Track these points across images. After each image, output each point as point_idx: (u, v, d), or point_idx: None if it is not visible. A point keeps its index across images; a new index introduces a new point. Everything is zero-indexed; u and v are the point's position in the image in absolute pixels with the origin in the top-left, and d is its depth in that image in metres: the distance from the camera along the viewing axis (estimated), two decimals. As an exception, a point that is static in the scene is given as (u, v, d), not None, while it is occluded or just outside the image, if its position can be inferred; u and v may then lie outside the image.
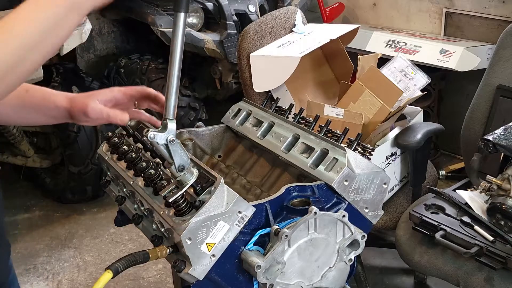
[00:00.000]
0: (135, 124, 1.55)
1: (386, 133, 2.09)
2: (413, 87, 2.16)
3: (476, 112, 2.05)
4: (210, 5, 2.99)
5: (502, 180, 1.61)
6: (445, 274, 1.66)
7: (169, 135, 1.08)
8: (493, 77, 2.02)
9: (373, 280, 2.38)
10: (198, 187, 1.15)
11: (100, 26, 3.30)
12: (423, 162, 2.08)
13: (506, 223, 1.56)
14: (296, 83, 2.23)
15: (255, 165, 1.58)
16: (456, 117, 2.42)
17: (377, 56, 2.23)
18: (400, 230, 1.81)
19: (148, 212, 1.29)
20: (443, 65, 2.81)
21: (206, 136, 1.67)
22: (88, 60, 3.34)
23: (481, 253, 1.54)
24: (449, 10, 3.12)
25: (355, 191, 1.29)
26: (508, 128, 1.65)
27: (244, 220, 1.15)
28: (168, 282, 2.53)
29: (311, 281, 1.27)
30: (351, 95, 2.04)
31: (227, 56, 2.96)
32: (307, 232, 1.21)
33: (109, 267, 1.07)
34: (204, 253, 1.12)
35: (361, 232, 1.28)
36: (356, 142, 1.36)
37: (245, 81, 2.14)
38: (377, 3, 3.50)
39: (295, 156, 1.40)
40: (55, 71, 2.96)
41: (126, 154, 1.33)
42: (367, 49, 3.03)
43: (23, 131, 3.02)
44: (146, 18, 2.92)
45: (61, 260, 2.73)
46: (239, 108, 1.67)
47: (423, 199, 1.85)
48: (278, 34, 2.26)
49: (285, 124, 1.50)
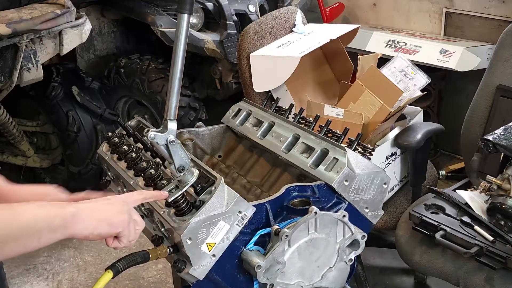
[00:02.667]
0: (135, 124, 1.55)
1: (386, 133, 2.09)
2: (413, 87, 2.16)
3: (476, 112, 2.05)
4: (210, 5, 2.99)
5: (502, 180, 1.61)
6: (445, 274, 1.66)
7: (169, 136, 1.08)
8: (493, 77, 2.02)
9: (373, 280, 2.38)
10: (198, 187, 1.15)
11: (100, 26, 3.30)
12: (423, 162, 2.08)
13: (506, 223, 1.56)
14: (296, 83, 2.23)
15: (255, 165, 1.58)
16: (456, 117, 2.41)
17: (377, 56, 2.23)
18: (400, 230, 1.81)
19: (149, 212, 1.29)
20: (443, 65, 2.80)
21: (206, 136, 1.67)
22: (88, 60, 3.33)
23: (481, 253, 1.54)
24: (449, 10, 3.11)
25: (355, 191, 1.29)
26: (508, 128, 1.65)
27: (244, 220, 1.15)
28: (168, 282, 2.53)
29: (311, 281, 1.27)
30: (351, 95, 2.04)
31: (227, 56, 2.96)
32: (307, 232, 1.21)
33: (109, 267, 1.07)
34: (205, 253, 1.12)
35: (361, 232, 1.28)
36: (356, 142, 1.36)
37: (245, 81, 2.14)
38: (377, 3, 3.50)
39: (295, 156, 1.40)
40: (55, 71, 2.96)
41: (126, 154, 1.33)
42: (367, 49, 3.03)
43: (23, 131, 3.03)
44: (146, 18, 2.92)
45: (61, 260, 2.73)
46: (239, 108, 1.67)
47: (423, 199, 1.85)
48: (278, 34, 2.26)
49: (285, 124, 1.50)
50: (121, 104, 3.27)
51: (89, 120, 2.98)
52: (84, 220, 0.95)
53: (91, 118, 2.99)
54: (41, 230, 0.90)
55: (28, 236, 0.89)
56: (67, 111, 2.92)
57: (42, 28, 2.32)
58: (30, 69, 2.45)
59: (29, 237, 0.89)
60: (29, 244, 0.90)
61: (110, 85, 3.16)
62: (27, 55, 2.40)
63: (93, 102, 2.99)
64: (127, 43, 3.47)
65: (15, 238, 0.87)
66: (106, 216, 0.99)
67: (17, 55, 2.37)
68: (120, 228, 1.00)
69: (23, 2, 2.40)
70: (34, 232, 0.89)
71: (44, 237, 0.91)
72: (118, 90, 3.16)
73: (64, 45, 2.50)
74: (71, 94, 2.92)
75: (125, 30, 3.43)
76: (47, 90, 2.89)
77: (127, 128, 1.42)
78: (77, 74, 3.08)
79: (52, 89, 2.89)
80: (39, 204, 0.94)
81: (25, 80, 2.47)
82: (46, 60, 2.55)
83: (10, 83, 2.44)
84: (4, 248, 0.87)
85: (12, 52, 2.37)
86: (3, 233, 0.86)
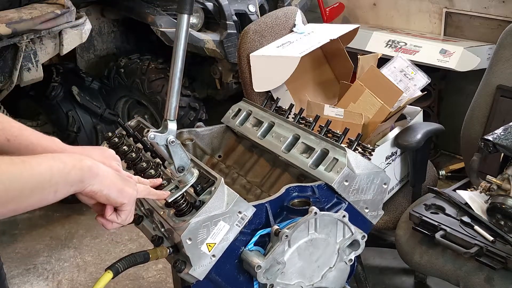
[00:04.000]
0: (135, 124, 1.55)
1: (386, 133, 2.08)
2: (413, 87, 2.16)
3: (476, 112, 2.05)
4: (210, 5, 2.99)
5: (502, 180, 1.61)
6: (445, 274, 1.66)
7: (169, 136, 1.08)
8: (493, 77, 2.02)
9: (373, 280, 2.38)
10: (198, 187, 1.15)
11: (100, 26, 3.30)
12: (423, 162, 2.08)
13: (506, 223, 1.56)
14: (296, 83, 2.23)
15: (255, 165, 1.58)
16: (456, 117, 2.41)
17: (377, 56, 2.23)
18: (400, 230, 1.81)
19: (149, 212, 1.29)
20: (443, 65, 2.80)
21: (206, 136, 1.67)
22: (88, 60, 3.34)
23: (481, 253, 1.54)
24: (449, 10, 3.11)
25: (355, 191, 1.29)
26: (508, 128, 1.65)
27: (244, 220, 1.15)
28: (168, 282, 2.53)
29: (311, 281, 1.27)
30: (351, 95, 2.04)
31: (227, 56, 2.96)
32: (307, 232, 1.21)
33: (109, 267, 1.07)
34: (205, 253, 1.12)
35: (361, 232, 1.28)
36: (356, 142, 1.36)
37: (245, 81, 2.14)
38: (377, 3, 3.50)
39: (295, 156, 1.40)
40: (55, 71, 2.97)
41: (126, 154, 1.33)
42: (367, 49, 3.03)
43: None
44: (146, 18, 2.92)
45: (61, 260, 2.73)
46: (239, 108, 1.67)
47: (423, 199, 1.85)
48: (278, 34, 2.26)
49: (285, 124, 1.50)
50: (121, 104, 3.27)
51: (89, 120, 2.98)
52: (99, 176, 0.92)
53: (91, 118, 2.99)
54: (57, 183, 0.86)
55: (43, 189, 0.85)
56: (67, 111, 2.92)
57: (42, 28, 2.32)
58: (30, 69, 2.46)
59: (44, 190, 0.85)
60: (45, 197, 0.86)
61: (110, 85, 3.16)
62: (27, 55, 2.41)
63: (93, 102, 2.99)
64: (127, 43, 3.48)
65: (31, 191, 0.83)
66: (118, 183, 0.96)
67: (17, 55, 2.37)
68: (126, 200, 0.97)
69: (23, 2, 2.40)
70: (50, 185, 0.85)
71: (60, 190, 0.87)
72: (118, 90, 3.16)
73: (64, 45, 2.50)
74: (71, 94, 2.93)
75: (125, 30, 3.43)
76: (47, 90, 2.89)
77: (127, 128, 1.42)
78: (77, 74, 3.08)
79: (52, 89, 2.89)
80: (53, 156, 0.89)
81: (25, 80, 2.48)
82: (46, 60, 2.55)
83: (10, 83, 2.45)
84: (20, 202, 0.83)
85: (12, 52, 2.37)
86: (18, 186, 0.81)
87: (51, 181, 0.86)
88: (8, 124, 1.05)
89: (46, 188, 0.86)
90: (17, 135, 1.04)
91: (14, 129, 1.04)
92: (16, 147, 1.03)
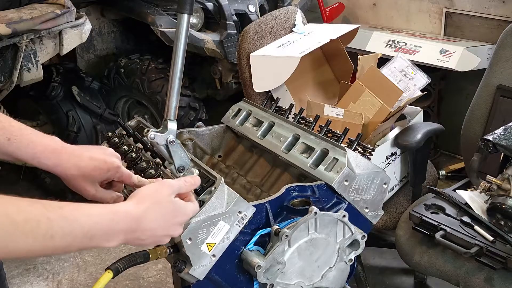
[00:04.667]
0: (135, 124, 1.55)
1: (386, 133, 2.09)
2: (413, 87, 2.16)
3: (476, 112, 2.05)
4: (210, 5, 2.99)
5: (502, 180, 1.61)
6: (445, 274, 1.66)
7: (169, 136, 1.08)
8: (493, 77, 2.02)
9: (373, 280, 2.38)
10: (198, 187, 1.15)
11: (100, 26, 3.30)
12: (423, 162, 2.08)
13: (506, 223, 1.56)
14: (296, 83, 2.23)
15: (255, 165, 1.58)
16: (456, 117, 2.42)
17: (377, 56, 2.23)
18: (400, 230, 1.82)
19: (148, 212, 1.29)
20: (443, 65, 2.80)
21: (206, 136, 1.67)
22: (88, 60, 3.34)
23: (481, 253, 1.54)
24: (449, 10, 3.12)
25: (355, 191, 1.29)
26: (508, 128, 1.65)
27: (244, 220, 1.15)
28: (168, 282, 2.53)
29: (311, 281, 1.27)
30: (351, 95, 2.04)
31: (227, 56, 2.96)
32: (307, 232, 1.21)
33: (109, 267, 1.07)
34: (205, 253, 1.12)
35: (361, 232, 1.28)
36: (356, 142, 1.36)
37: (245, 81, 2.14)
38: (377, 3, 3.50)
39: (295, 156, 1.40)
40: (55, 71, 2.96)
41: (126, 154, 1.32)
42: (367, 49, 3.03)
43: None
44: (146, 18, 2.92)
45: (61, 260, 2.73)
46: (239, 108, 1.67)
47: (423, 199, 1.85)
48: (278, 34, 2.26)
49: (285, 124, 1.50)
50: (121, 104, 3.27)
51: (89, 120, 2.98)
52: (144, 241, 0.91)
53: (91, 118, 2.99)
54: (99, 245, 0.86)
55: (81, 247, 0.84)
56: (67, 111, 2.92)
57: (42, 28, 2.32)
58: (30, 69, 2.46)
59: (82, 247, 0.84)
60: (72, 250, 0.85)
61: (110, 85, 3.16)
62: (27, 55, 2.41)
63: (93, 102, 2.99)
64: (127, 43, 3.48)
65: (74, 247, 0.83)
66: (169, 224, 0.94)
67: (17, 55, 2.37)
68: (176, 233, 0.96)
69: (23, 2, 2.40)
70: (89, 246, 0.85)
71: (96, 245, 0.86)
72: (118, 90, 3.16)
73: (64, 45, 2.50)
74: (71, 94, 2.92)
75: (125, 30, 3.43)
76: (47, 90, 2.89)
77: (127, 128, 1.42)
78: (77, 74, 3.08)
79: (52, 89, 2.89)
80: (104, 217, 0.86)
81: (25, 80, 2.48)
82: (46, 60, 2.55)
83: (10, 83, 2.45)
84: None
85: (12, 52, 2.37)
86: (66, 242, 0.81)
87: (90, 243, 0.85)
88: (8, 124, 1.05)
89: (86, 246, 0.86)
90: (17, 134, 1.04)
91: (14, 128, 1.04)
92: (17, 146, 1.03)
